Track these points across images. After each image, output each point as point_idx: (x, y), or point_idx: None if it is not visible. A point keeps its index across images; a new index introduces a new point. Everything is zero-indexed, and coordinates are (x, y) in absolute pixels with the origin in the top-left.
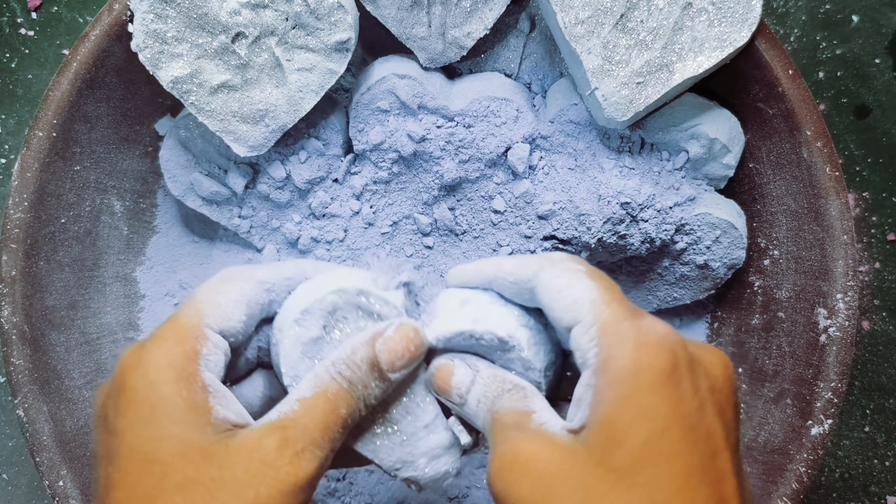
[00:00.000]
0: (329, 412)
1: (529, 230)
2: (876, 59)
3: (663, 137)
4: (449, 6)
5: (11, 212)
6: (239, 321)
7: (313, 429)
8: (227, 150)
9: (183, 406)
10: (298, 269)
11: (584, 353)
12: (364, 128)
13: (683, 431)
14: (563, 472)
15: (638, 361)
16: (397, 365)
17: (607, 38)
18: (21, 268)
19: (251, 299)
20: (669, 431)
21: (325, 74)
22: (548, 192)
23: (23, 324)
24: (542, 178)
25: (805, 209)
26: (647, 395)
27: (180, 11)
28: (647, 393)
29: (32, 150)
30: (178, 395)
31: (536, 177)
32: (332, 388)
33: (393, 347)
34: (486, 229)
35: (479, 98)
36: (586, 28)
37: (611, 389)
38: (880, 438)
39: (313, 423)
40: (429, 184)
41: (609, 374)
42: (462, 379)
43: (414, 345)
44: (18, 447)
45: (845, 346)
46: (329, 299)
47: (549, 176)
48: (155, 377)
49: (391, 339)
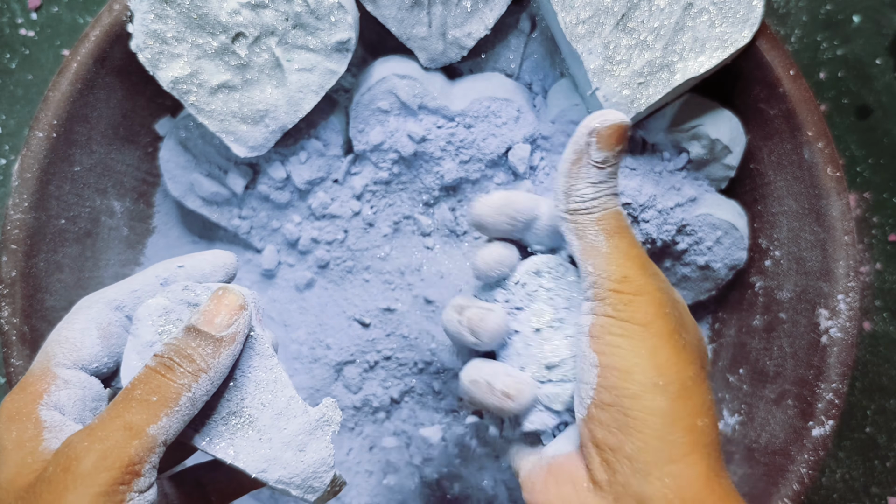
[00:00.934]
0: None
1: None
2: (877, 60)
3: (664, 138)
4: (449, 6)
5: (11, 212)
6: (93, 347)
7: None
8: (227, 150)
9: (11, 447)
10: (147, 277)
11: (579, 406)
12: (364, 128)
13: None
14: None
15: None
16: (218, 322)
17: (608, 39)
18: (21, 268)
19: (101, 322)
20: (632, 466)
21: (325, 75)
22: (549, 192)
23: (23, 324)
24: (543, 179)
25: (806, 210)
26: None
27: (180, 11)
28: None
29: (32, 150)
30: (8, 438)
31: (537, 177)
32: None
33: (206, 310)
34: None
35: (480, 98)
36: (587, 28)
37: (598, 439)
38: (881, 439)
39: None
40: (429, 184)
41: (602, 423)
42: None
43: (228, 300)
44: None
45: (846, 347)
46: (156, 303)
47: (549, 176)
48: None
49: (204, 307)
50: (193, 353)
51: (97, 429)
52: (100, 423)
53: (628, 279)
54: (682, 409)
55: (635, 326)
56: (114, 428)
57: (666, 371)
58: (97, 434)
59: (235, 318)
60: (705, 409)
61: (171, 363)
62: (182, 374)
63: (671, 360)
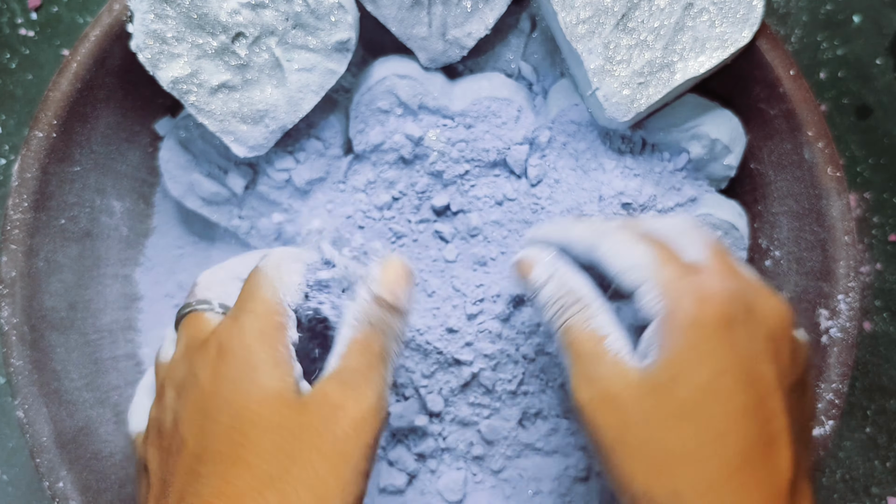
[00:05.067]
0: (365, 351)
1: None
2: (877, 60)
3: (664, 138)
4: (450, 6)
5: (11, 212)
6: (301, 301)
7: (359, 367)
8: (227, 150)
9: (272, 363)
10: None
11: (651, 308)
12: (364, 128)
13: (738, 375)
14: (638, 406)
15: (697, 314)
16: (399, 294)
17: (608, 38)
18: (21, 268)
19: (304, 282)
20: (725, 375)
21: (326, 74)
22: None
23: (23, 324)
24: (543, 179)
25: (806, 210)
26: (706, 343)
27: (180, 11)
28: (707, 341)
29: (32, 150)
30: (267, 355)
31: (536, 177)
32: (360, 334)
33: (385, 280)
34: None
35: (480, 98)
36: (587, 28)
37: (675, 338)
38: (881, 440)
39: (357, 363)
40: (429, 184)
41: (673, 325)
42: (539, 276)
43: (402, 269)
44: (18, 448)
45: (847, 347)
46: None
47: (549, 177)
48: (249, 342)
49: (381, 277)
50: (393, 325)
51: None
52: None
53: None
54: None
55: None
56: (372, 386)
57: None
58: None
59: (410, 288)
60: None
61: (385, 330)
62: (392, 340)
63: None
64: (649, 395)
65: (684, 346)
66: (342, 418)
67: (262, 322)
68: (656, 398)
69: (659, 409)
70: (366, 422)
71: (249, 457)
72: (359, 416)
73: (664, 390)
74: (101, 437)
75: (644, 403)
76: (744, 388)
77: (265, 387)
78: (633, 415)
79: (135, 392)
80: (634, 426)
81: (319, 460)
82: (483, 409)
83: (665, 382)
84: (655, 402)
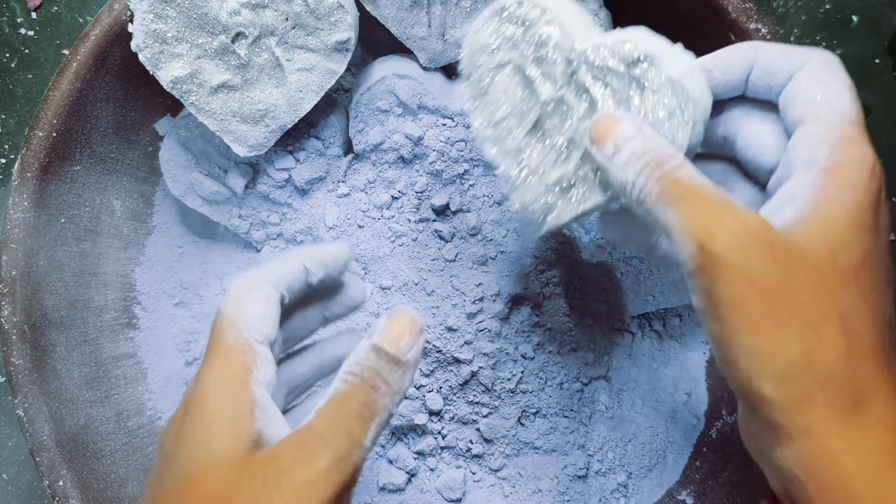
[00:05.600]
0: (339, 408)
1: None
2: (876, 60)
3: None
4: (449, 6)
5: (11, 212)
6: (273, 328)
7: (324, 427)
8: (227, 150)
9: (224, 419)
10: (291, 263)
11: (814, 150)
12: (364, 128)
13: (884, 260)
14: (792, 264)
15: (870, 185)
16: (402, 346)
17: (521, 144)
18: (21, 268)
19: (275, 305)
20: (879, 249)
21: (325, 74)
22: None
23: (23, 324)
24: None
25: None
26: (873, 213)
27: (180, 11)
28: (873, 211)
29: (32, 150)
30: (222, 410)
31: None
32: (343, 388)
33: (390, 333)
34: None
35: None
36: (497, 132)
37: (843, 194)
38: None
39: (324, 422)
40: (428, 183)
41: (842, 181)
42: (626, 129)
43: (409, 324)
44: (18, 447)
45: None
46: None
47: None
48: (206, 398)
49: (385, 328)
50: (388, 377)
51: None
52: (328, 428)
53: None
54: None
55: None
56: (330, 448)
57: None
58: (327, 440)
59: (416, 341)
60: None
61: (375, 384)
62: (384, 395)
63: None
64: (808, 256)
65: (850, 209)
66: (285, 483)
67: (222, 373)
68: (816, 259)
69: (821, 272)
70: (313, 487)
71: None
72: (304, 480)
73: (823, 251)
74: (101, 436)
75: (797, 262)
76: (883, 269)
77: (214, 451)
78: (787, 272)
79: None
80: (786, 287)
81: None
82: (482, 408)
83: (825, 243)
84: (816, 263)
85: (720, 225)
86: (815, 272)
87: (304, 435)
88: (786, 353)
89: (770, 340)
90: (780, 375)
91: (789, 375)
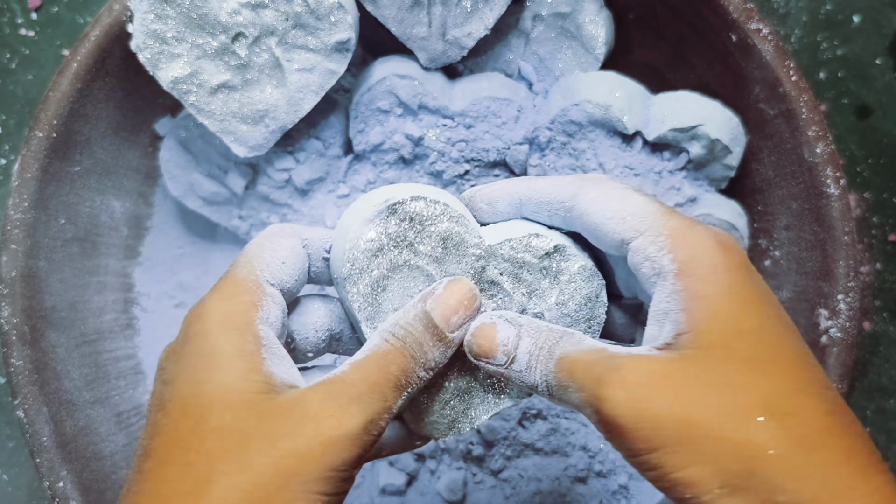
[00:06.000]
0: (378, 369)
1: None
2: (877, 60)
3: (664, 137)
4: (449, 6)
5: (11, 212)
6: (292, 271)
7: (360, 384)
8: (227, 150)
9: (232, 354)
10: (325, 233)
11: (656, 261)
12: (364, 128)
13: (784, 318)
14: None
15: (727, 258)
16: (453, 321)
17: None
18: (21, 268)
19: (298, 251)
20: (775, 319)
21: (325, 75)
22: None
23: (23, 324)
24: None
25: (806, 210)
26: (746, 287)
27: (180, 11)
28: (746, 286)
29: (32, 150)
30: (228, 343)
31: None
32: (384, 347)
33: (445, 303)
34: None
35: (480, 98)
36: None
37: (707, 286)
38: (881, 440)
39: (360, 378)
40: (429, 184)
41: (700, 274)
42: (507, 334)
43: (468, 298)
44: (19, 448)
45: (846, 347)
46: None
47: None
48: (209, 327)
49: (442, 294)
50: (429, 353)
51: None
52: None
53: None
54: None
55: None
56: (364, 408)
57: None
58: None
59: (468, 318)
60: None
61: (416, 355)
62: (420, 367)
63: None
64: (698, 366)
65: (722, 296)
66: (311, 432)
67: (227, 304)
68: (709, 365)
69: (719, 375)
70: (337, 444)
71: (191, 456)
72: (332, 435)
73: (716, 353)
74: (101, 437)
75: (698, 377)
76: (793, 333)
77: (221, 382)
78: (696, 393)
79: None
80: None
81: (269, 471)
82: None
83: (714, 343)
84: (708, 369)
85: (606, 388)
86: (720, 376)
87: (337, 386)
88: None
89: (697, 471)
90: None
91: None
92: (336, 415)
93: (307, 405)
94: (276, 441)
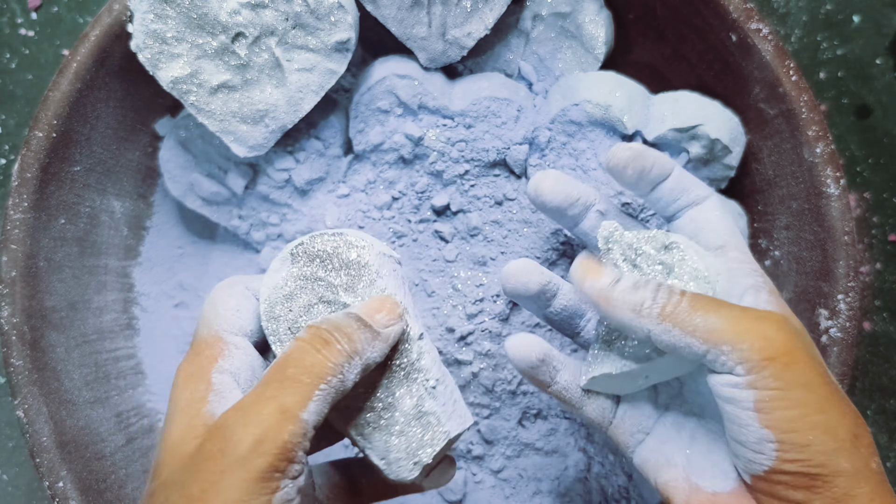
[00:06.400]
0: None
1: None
2: (877, 60)
3: (664, 137)
4: (449, 6)
5: (11, 212)
6: (249, 321)
7: (264, 386)
8: (227, 150)
9: (183, 407)
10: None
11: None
12: (364, 128)
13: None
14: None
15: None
16: (379, 318)
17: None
18: (21, 268)
19: (248, 300)
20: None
21: (325, 74)
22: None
23: (23, 324)
24: None
25: (806, 210)
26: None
27: (180, 11)
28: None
29: (32, 150)
30: (182, 397)
31: None
32: (293, 347)
33: (367, 305)
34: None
35: (480, 98)
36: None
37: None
38: (882, 440)
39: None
40: (428, 184)
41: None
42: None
43: (390, 303)
44: (18, 448)
45: (846, 347)
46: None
47: None
48: (176, 384)
49: (366, 304)
50: (353, 334)
51: (251, 410)
52: (254, 403)
53: (770, 339)
54: (860, 461)
55: (800, 393)
56: (268, 411)
57: (839, 432)
58: (252, 416)
59: (394, 322)
60: (871, 445)
61: (330, 338)
62: (338, 353)
63: (839, 416)
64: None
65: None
66: (230, 446)
67: (191, 362)
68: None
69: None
70: (258, 446)
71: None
72: (247, 441)
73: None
74: (101, 437)
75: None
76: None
77: (171, 439)
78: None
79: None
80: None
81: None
82: (483, 409)
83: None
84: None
85: (771, 321)
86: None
87: (246, 399)
88: (846, 424)
89: (836, 414)
90: (849, 447)
91: (853, 446)
92: (243, 422)
93: (226, 425)
94: (208, 466)
